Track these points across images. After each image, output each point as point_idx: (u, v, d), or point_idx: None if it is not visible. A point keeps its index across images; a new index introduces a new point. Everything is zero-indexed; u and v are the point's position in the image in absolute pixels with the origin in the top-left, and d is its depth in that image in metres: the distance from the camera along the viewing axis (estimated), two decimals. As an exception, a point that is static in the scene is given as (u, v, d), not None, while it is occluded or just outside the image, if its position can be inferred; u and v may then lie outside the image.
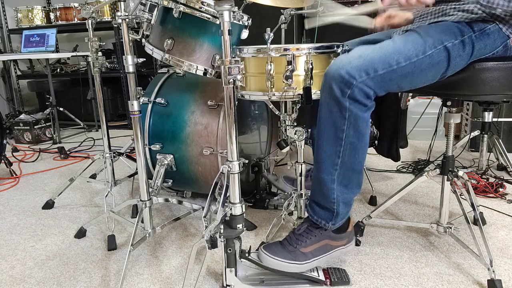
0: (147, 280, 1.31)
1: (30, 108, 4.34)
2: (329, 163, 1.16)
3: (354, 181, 1.20)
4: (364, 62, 1.07)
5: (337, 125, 1.12)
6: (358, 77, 1.06)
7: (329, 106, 1.12)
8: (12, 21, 4.09)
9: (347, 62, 1.08)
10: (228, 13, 1.00)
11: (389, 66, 1.08)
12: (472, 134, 2.19)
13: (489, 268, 1.21)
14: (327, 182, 1.18)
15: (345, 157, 1.15)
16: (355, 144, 1.13)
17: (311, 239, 1.24)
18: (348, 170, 1.17)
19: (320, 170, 1.19)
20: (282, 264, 1.21)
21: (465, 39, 1.12)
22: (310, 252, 1.23)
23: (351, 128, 1.11)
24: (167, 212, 1.83)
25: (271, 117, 1.97)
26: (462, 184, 1.37)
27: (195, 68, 1.46)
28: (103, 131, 1.82)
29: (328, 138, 1.15)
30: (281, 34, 1.95)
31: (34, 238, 1.63)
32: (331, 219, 1.22)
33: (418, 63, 1.10)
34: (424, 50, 1.10)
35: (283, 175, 1.90)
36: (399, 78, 1.11)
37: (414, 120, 2.52)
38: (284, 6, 1.82)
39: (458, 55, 1.12)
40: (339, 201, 1.20)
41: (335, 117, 1.11)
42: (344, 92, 1.08)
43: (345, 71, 1.07)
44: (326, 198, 1.20)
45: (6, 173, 2.44)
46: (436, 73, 1.15)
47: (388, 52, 1.10)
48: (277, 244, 1.26)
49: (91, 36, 1.71)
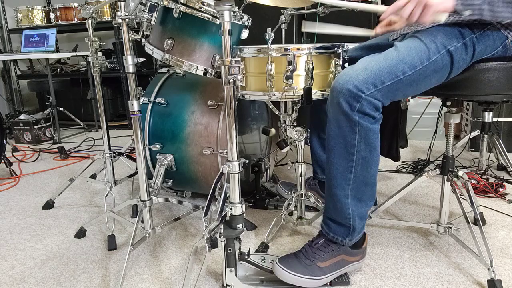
0: (147, 280, 1.31)
1: (30, 108, 4.35)
2: (342, 179, 1.15)
3: (368, 194, 1.19)
4: (370, 75, 1.06)
5: (348, 140, 1.10)
6: (366, 91, 1.05)
7: (338, 122, 1.10)
8: (12, 21, 4.08)
9: (354, 75, 1.07)
10: (228, 13, 1.00)
11: (396, 76, 1.08)
12: (472, 134, 2.19)
13: (489, 268, 1.21)
14: (341, 197, 1.16)
15: (357, 171, 1.13)
16: (367, 158, 1.12)
17: (328, 254, 1.21)
18: (361, 184, 1.16)
19: (333, 186, 1.17)
20: (300, 279, 1.17)
21: (466, 41, 1.12)
22: (327, 267, 1.20)
23: (362, 142, 1.10)
24: (167, 212, 1.83)
25: (271, 117, 1.97)
26: (462, 184, 1.37)
27: (195, 68, 1.46)
28: (103, 131, 1.82)
29: (339, 153, 1.13)
30: (281, 34, 1.95)
31: (34, 238, 1.63)
32: (348, 234, 1.20)
33: (423, 70, 1.10)
34: (429, 57, 1.09)
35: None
36: (405, 87, 1.11)
37: (414, 120, 2.52)
38: (284, 6, 1.83)
39: (461, 58, 1.12)
40: (355, 216, 1.18)
41: (345, 132, 1.10)
42: (353, 107, 1.06)
43: (352, 85, 1.05)
44: (341, 214, 1.18)
45: (6, 173, 2.44)
46: (440, 77, 1.15)
47: (393, 62, 1.09)
48: (292, 257, 1.22)
49: (91, 36, 1.71)
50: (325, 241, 1.23)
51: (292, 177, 2.13)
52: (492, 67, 1.14)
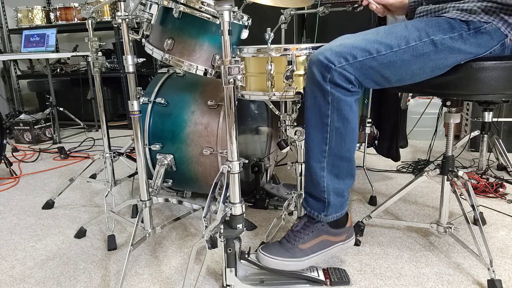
0: (147, 280, 1.31)
1: (30, 108, 4.35)
2: (318, 150, 1.17)
3: (344, 170, 1.20)
4: (343, 49, 1.10)
5: (322, 110, 1.13)
6: (337, 63, 1.09)
7: (313, 92, 1.14)
8: (12, 21, 4.09)
9: (328, 48, 1.11)
10: (228, 13, 1.00)
11: (369, 54, 1.10)
12: (472, 134, 2.19)
13: (489, 268, 1.20)
14: (316, 170, 1.19)
15: (332, 143, 1.16)
16: (340, 129, 1.14)
17: (308, 235, 1.23)
18: (336, 158, 1.17)
19: (309, 158, 1.20)
20: (280, 262, 1.20)
21: (455, 35, 1.12)
22: (309, 248, 1.22)
23: (335, 113, 1.13)
24: (167, 212, 1.83)
25: (271, 117, 1.97)
26: (462, 184, 1.37)
27: (195, 68, 1.46)
28: (103, 131, 1.82)
29: (315, 124, 1.16)
30: (281, 34, 1.95)
31: (34, 238, 1.63)
32: (323, 209, 1.22)
33: (399, 53, 1.11)
34: (407, 41, 1.11)
35: (282, 183, 1.90)
36: (380, 67, 1.12)
37: (414, 120, 2.52)
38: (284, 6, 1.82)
39: (447, 50, 1.12)
40: (330, 190, 1.20)
41: (319, 102, 1.13)
42: (324, 76, 1.10)
43: (323, 57, 1.10)
44: (316, 187, 1.21)
45: (6, 173, 2.44)
46: (423, 66, 1.14)
47: (370, 40, 1.12)
48: (275, 244, 1.25)
49: (91, 36, 1.71)
50: (305, 223, 1.25)
51: (292, 177, 2.13)
52: (490, 66, 1.13)
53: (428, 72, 1.16)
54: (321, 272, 1.25)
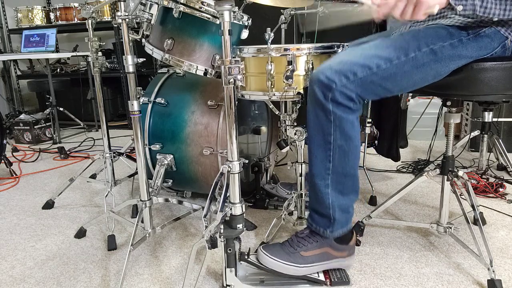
0: (147, 280, 1.31)
1: (30, 108, 4.35)
2: (321, 168, 1.17)
3: (349, 187, 1.20)
4: (343, 67, 1.09)
5: (324, 128, 1.13)
6: (338, 82, 1.08)
7: (315, 111, 1.14)
8: (12, 21, 4.09)
9: (328, 67, 1.10)
10: (228, 13, 1.00)
11: (369, 69, 1.09)
12: (472, 134, 2.19)
13: (489, 268, 1.20)
14: (321, 187, 1.19)
15: (335, 160, 1.16)
16: (343, 147, 1.14)
17: (312, 244, 1.23)
18: (340, 175, 1.17)
19: (313, 175, 1.20)
20: (280, 264, 1.20)
21: (455, 42, 1.11)
22: (310, 256, 1.23)
23: (338, 132, 1.13)
24: (167, 212, 1.83)
25: (271, 117, 1.97)
26: (462, 184, 1.37)
27: (195, 68, 1.46)
28: (103, 131, 1.82)
29: (318, 143, 1.16)
30: (281, 34, 1.95)
31: (34, 238, 1.63)
32: (329, 225, 1.22)
33: (400, 65, 1.10)
34: (406, 52, 1.10)
35: (280, 182, 1.90)
36: (381, 81, 1.11)
37: (414, 120, 2.52)
38: (284, 6, 1.82)
39: (449, 57, 1.12)
40: (335, 207, 1.20)
41: (322, 121, 1.13)
42: (326, 96, 1.09)
43: (324, 76, 1.09)
44: (321, 204, 1.21)
45: (6, 173, 2.44)
46: (425, 75, 1.14)
47: (369, 55, 1.11)
48: (277, 245, 1.26)
49: (91, 36, 1.71)
50: (311, 232, 1.25)
51: (292, 177, 2.13)
52: (490, 67, 1.14)
53: (429, 80, 1.16)
54: (321, 272, 1.25)
